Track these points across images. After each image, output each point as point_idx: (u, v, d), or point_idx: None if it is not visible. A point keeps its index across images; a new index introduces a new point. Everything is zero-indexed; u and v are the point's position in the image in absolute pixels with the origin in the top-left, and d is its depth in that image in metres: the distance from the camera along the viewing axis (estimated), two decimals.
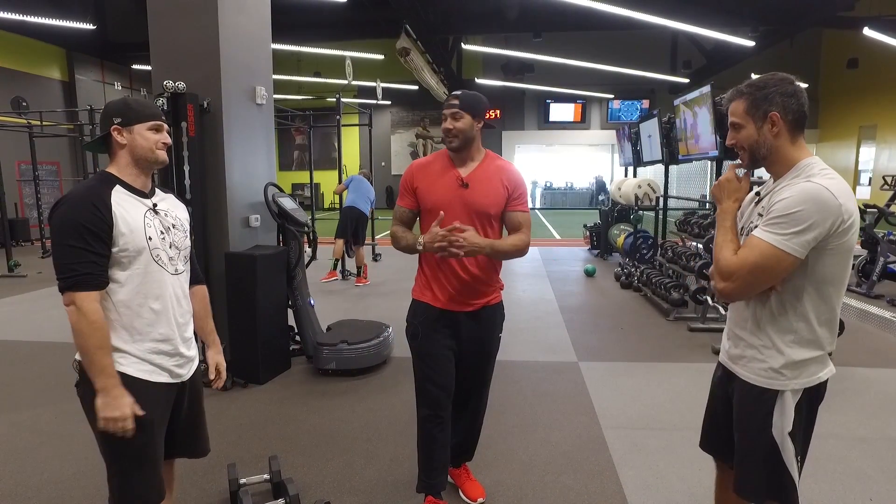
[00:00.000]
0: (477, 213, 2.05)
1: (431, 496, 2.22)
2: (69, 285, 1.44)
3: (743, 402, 1.53)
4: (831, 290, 1.42)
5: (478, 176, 2.08)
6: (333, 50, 13.84)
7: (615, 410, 3.24)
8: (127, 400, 1.48)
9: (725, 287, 1.43)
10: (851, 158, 18.19)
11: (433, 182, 2.08)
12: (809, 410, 1.48)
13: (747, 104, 1.44)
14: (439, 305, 2.10)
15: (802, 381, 1.45)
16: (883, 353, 4.27)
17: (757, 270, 1.38)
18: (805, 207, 1.32)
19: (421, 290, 2.15)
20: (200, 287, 1.84)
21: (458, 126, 2.02)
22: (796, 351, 1.44)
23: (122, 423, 1.46)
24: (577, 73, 16.35)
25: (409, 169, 2.15)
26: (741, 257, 1.40)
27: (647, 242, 7.25)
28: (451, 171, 2.08)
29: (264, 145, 4.08)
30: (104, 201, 1.48)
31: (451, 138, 2.03)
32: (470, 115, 2.03)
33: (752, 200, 1.56)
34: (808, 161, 1.42)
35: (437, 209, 2.00)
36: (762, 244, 1.37)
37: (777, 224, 1.35)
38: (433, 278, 2.11)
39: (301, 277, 4.03)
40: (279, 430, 3.01)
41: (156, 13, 3.63)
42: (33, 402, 3.40)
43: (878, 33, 11.75)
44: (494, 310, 2.20)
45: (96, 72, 15.07)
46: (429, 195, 2.07)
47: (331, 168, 15.01)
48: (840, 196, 1.33)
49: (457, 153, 2.08)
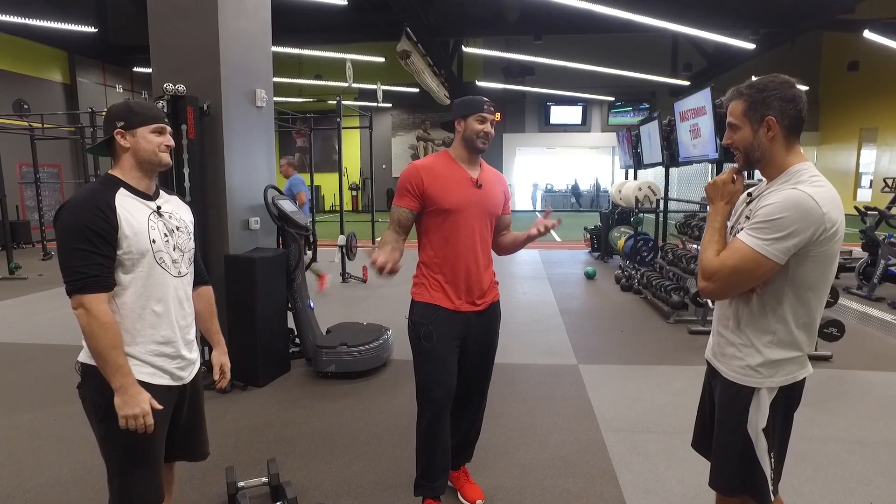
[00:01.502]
0: (488, 214, 2.16)
1: (431, 499, 2.21)
2: (77, 288, 1.44)
3: (722, 397, 1.58)
4: (811, 295, 1.44)
5: (485, 179, 2.18)
6: (334, 53, 13.87)
7: (615, 413, 3.24)
8: (145, 396, 1.49)
9: (706, 286, 1.49)
10: (852, 161, 18.18)
11: (446, 183, 2.08)
12: (786, 409, 1.52)
13: (745, 106, 1.45)
14: (452, 307, 2.10)
15: (778, 379, 1.48)
16: (884, 356, 4.26)
17: (736, 273, 1.41)
18: (788, 214, 1.34)
19: (430, 292, 2.11)
20: (206, 288, 1.85)
21: (492, 133, 2.15)
22: (773, 351, 1.47)
23: (142, 419, 1.47)
24: (577, 75, 16.37)
25: (413, 170, 2.09)
26: (722, 258, 1.44)
27: (648, 245, 7.24)
28: (462, 173, 2.12)
29: (264, 148, 4.09)
30: (108, 204, 1.48)
31: (486, 142, 2.12)
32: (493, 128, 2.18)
33: (744, 200, 1.57)
34: (799, 167, 1.43)
35: (456, 210, 2.06)
36: (744, 247, 1.40)
37: (760, 229, 1.38)
38: (447, 281, 2.10)
39: (301, 280, 4.03)
40: (278, 433, 3.01)
41: (156, 16, 3.64)
42: (33, 405, 3.40)
43: (878, 36, 11.76)
44: (497, 307, 2.27)
45: (98, 74, 15.11)
46: (446, 196, 2.06)
47: (332, 171, 15.03)
48: (824, 205, 1.34)
49: (475, 155, 2.15)
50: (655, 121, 7.06)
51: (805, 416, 3.13)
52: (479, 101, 2.11)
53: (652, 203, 7.18)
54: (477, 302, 2.14)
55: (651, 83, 17.24)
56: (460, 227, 2.07)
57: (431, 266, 2.13)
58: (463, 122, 2.11)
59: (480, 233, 2.13)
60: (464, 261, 2.09)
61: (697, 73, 17.20)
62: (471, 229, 2.09)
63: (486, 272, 2.17)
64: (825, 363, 4.05)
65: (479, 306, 2.15)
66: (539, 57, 14.51)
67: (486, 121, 2.10)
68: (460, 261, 2.08)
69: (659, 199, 7.13)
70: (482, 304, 2.16)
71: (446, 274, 2.10)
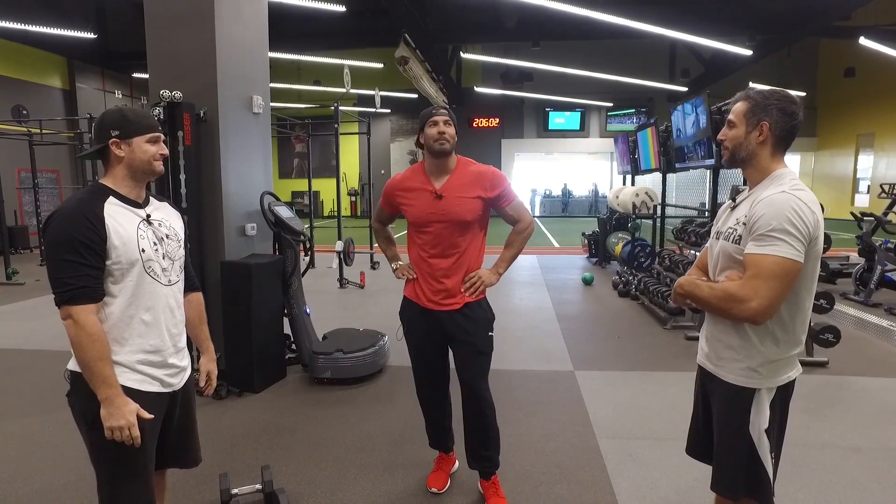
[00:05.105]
0: (454, 222, 2.20)
1: (440, 451, 2.58)
2: (66, 299, 1.43)
3: (721, 401, 1.60)
4: (804, 294, 1.51)
5: (452, 185, 2.22)
6: (333, 59, 13.92)
7: (610, 420, 3.23)
8: (131, 407, 1.48)
9: (751, 308, 1.41)
10: (850, 167, 18.24)
11: (413, 199, 2.26)
12: (782, 408, 1.57)
13: (748, 107, 1.53)
14: (420, 304, 2.31)
15: (776, 379, 1.53)
16: (880, 362, 4.25)
17: (778, 285, 1.41)
18: (792, 218, 1.41)
19: (407, 288, 2.39)
20: (196, 294, 1.85)
21: (451, 131, 2.18)
22: (773, 350, 1.51)
23: (127, 432, 1.46)
24: (575, 81, 16.44)
25: (391, 182, 2.37)
26: (753, 276, 1.42)
27: (645, 251, 7.24)
28: (427, 186, 2.24)
29: (261, 154, 4.09)
30: (96, 214, 1.47)
31: (445, 141, 2.16)
32: (454, 127, 2.21)
33: (728, 207, 1.64)
34: (781, 172, 1.52)
35: (419, 224, 2.24)
36: (771, 259, 1.41)
37: (770, 236, 1.42)
38: (416, 282, 2.33)
39: (297, 286, 4.02)
40: (273, 440, 3.00)
41: (153, 22, 3.65)
42: (26, 411, 3.39)
43: (874, 42, 11.82)
44: (477, 306, 2.30)
45: (97, 80, 15.16)
46: (410, 210, 2.27)
47: (330, 176, 15.03)
48: (813, 207, 1.43)
49: (439, 159, 2.20)
50: (653, 126, 7.08)
51: (801, 422, 3.14)
52: (429, 110, 2.23)
53: (649, 209, 7.18)
54: (445, 303, 2.26)
55: (649, 89, 17.31)
56: (426, 234, 2.24)
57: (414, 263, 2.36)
58: (422, 134, 2.23)
59: (449, 240, 2.22)
60: (423, 272, 2.28)
61: (695, 79, 17.28)
62: (437, 238, 2.23)
63: (449, 284, 2.24)
64: (821, 369, 4.05)
65: (448, 307, 2.26)
66: (537, 63, 14.57)
67: (438, 122, 2.17)
68: (422, 269, 2.28)
69: (656, 205, 7.13)
70: (452, 304, 2.26)
71: (418, 277, 2.32)
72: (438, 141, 2.15)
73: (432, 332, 2.32)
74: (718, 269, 1.59)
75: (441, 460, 2.59)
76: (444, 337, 2.32)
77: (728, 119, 1.57)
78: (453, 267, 2.24)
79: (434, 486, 2.48)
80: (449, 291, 2.25)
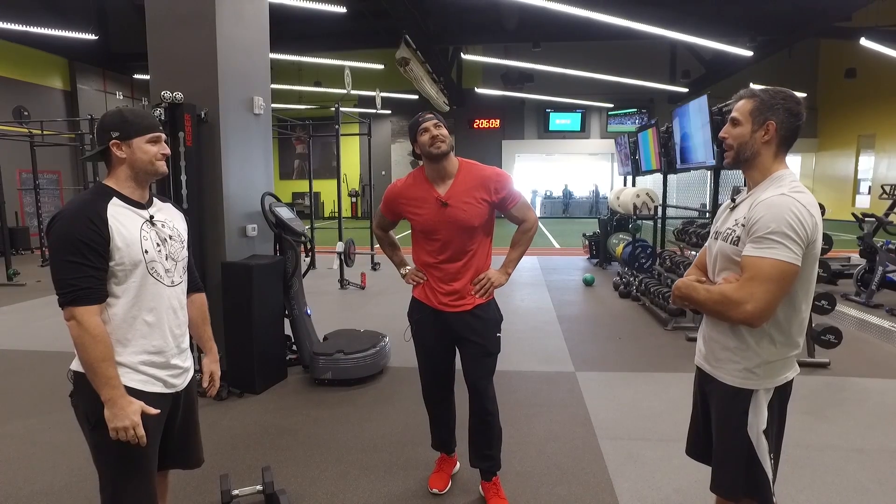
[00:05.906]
0: (461, 228, 2.20)
1: (442, 452, 2.58)
2: (69, 300, 1.44)
3: (720, 402, 1.59)
4: (801, 296, 1.50)
5: (457, 191, 2.20)
6: (334, 60, 13.94)
7: (611, 421, 3.23)
8: (134, 408, 1.48)
9: (746, 310, 1.40)
10: (851, 167, 18.23)
11: (418, 206, 2.23)
12: (781, 409, 1.56)
13: (754, 106, 1.51)
14: (432, 306, 2.30)
15: (773, 380, 1.52)
16: (882, 363, 4.25)
17: (774, 287, 1.41)
18: (791, 221, 1.40)
19: (416, 289, 2.38)
20: (199, 295, 1.85)
21: (443, 132, 2.17)
22: (770, 352, 1.50)
23: (132, 432, 1.46)
24: (576, 82, 16.45)
25: (393, 190, 2.33)
26: (749, 279, 1.41)
27: (646, 252, 7.24)
28: (431, 193, 2.21)
29: (262, 155, 4.10)
30: (100, 215, 1.48)
31: (440, 143, 2.14)
32: (445, 127, 2.20)
33: (727, 207, 1.63)
34: (782, 173, 1.51)
35: (428, 232, 2.22)
36: (769, 262, 1.40)
37: (769, 239, 1.41)
38: (426, 283, 2.32)
39: (298, 287, 4.02)
40: (273, 441, 3.00)
41: (154, 24, 3.66)
42: (28, 412, 3.39)
43: (875, 43, 11.81)
44: (487, 307, 2.30)
45: (98, 81, 15.18)
46: (417, 219, 2.24)
47: (331, 177, 15.04)
48: (812, 209, 1.42)
49: (437, 163, 2.18)
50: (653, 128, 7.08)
51: (802, 423, 3.13)
52: (415, 120, 2.22)
53: (650, 210, 7.18)
54: (456, 304, 2.26)
55: (649, 90, 17.32)
56: (435, 242, 2.24)
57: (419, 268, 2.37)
58: (416, 145, 2.22)
59: (458, 245, 2.22)
60: (431, 274, 2.29)
61: (695, 79, 17.28)
62: (445, 245, 2.23)
63: (458, 286, 2.25)
64: (823, 370, 4.04)
65: (458, 308, 2.27)
66: (538, 64, 14.58)
67: (428, 129, 2.16)
68: (431, 273, 2.29)
69: (657, 206, 7.14)
70: (463, 306, 2.26)
71: (428, 280, 2.32)
72: (434, 145, 2.14)
73: (442, 333, 2.32)
74: (717, 269, 1.59)
75: (442, 461, 2.59)
76: (453, 338, 2.32)
77: (732, 117, 1.55)
78: (463, 269, 2.25)
79: (435, 487, 2.48)
80: (459, 293, 2.26)
